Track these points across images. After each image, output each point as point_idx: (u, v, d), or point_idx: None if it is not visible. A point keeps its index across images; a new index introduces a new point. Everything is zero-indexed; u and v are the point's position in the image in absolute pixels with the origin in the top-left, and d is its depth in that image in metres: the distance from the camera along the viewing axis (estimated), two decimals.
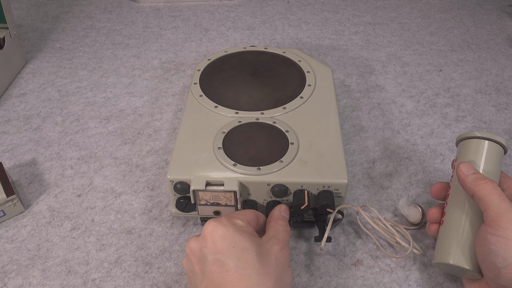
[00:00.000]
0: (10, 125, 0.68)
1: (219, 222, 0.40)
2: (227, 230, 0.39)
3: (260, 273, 0.37)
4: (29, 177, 0.59)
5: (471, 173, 0.43)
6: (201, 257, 0.39)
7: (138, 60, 0.83)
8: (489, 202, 0.40)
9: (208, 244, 0.39)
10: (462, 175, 0.44)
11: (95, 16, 0.99)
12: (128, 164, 0.61)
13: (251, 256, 0.38)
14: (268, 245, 0.41)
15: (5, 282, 0.47)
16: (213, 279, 0.37)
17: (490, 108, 0.71)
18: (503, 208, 0.39)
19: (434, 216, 0.48)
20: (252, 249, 0.38)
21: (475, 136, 0.47)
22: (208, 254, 0.39)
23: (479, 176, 0.43)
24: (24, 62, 0.82)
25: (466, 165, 0.44)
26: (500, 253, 0.38)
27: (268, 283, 0.37)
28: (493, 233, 0.39)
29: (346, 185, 0.47)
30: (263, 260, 0.38)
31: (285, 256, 0.41)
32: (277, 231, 0.43)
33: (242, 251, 0.38)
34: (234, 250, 0.38)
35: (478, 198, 0.42)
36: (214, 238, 0.39)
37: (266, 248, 0.40)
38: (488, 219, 0.40)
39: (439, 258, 0.44)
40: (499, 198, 0.40)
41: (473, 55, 0.84)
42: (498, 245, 0.38)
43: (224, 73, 0.63)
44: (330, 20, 0.96)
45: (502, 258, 0.38)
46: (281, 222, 0.44)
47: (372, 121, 0.68)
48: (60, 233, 0.52)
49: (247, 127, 0.53)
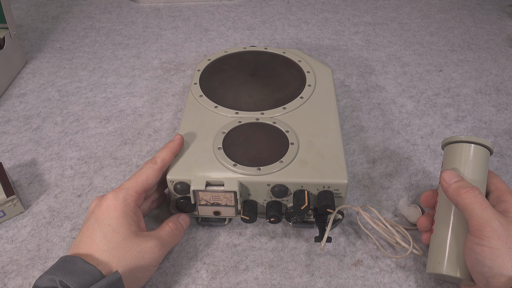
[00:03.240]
0: (10, 125, 0.68)
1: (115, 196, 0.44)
2: (116, 206, 0.43)
3: (113, 254, 0.41)
4: (29, 177, 0.59)
5: (454, 182, 0.43)
6: (88, 215, 0.45)
7: (138, 60, 0.83)
8: (472, 212, 0.40)
9: (97, 209, 0.44)
10: (445, 184, 0.43)
11: (95, 16, 0.99)
12: (128, 164, 0.61)
13: (116, 239, 0.42)
14: (143, 238, 0.43)
15: (5, 282, 0.47)
16: (79, 236, 0.43)
17: (490, 108, 0.71)
18: (485, 217, 0.39)
19: (423, 225, 0.48)
20: (122, 235, 0.42)
21: (459, 140, 0.47)
22: (91, 216, 0.44)
23: (461, 185, 0.42)
24: (24, 62, 0.82)
25: (449, 173, 0.44)
26: (486, 263, 0.38)
27: (119, 263, 0.41)
28: (478, 243, 0.39)
29: (346, 185, 0.47)
30: (125, 246, 0.42)
31: (154, 254, 0.43)
32: (162, 230, 0.46)
33: (113, 232, 0.42)
34: (107, 228, 0.42)
35: (461, 207, 0.41)
36: (102, 206, 0.44)
37: (137, 241, 0.43)
38: (472, 228, 0.40)
39: (431, 268, 0.44)
40: (480, 207, 0.40)
41: (473, 55, 0.84)
42: (483, 255, 0.38)
43: (224, 73, 0.63)
44: (330, 20, 0.96)
45: (488, 267, 0.38)
46: (171, 225, 0.47)
47: (372, 121, 0.68)
48: (60, 233, 0.52)
49: (247, 127, 0.53)
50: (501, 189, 0.44)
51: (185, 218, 0.50)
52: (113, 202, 0.43)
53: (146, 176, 0.46)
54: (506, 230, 0.38)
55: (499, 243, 0.38)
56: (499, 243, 0.38)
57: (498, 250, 0.38)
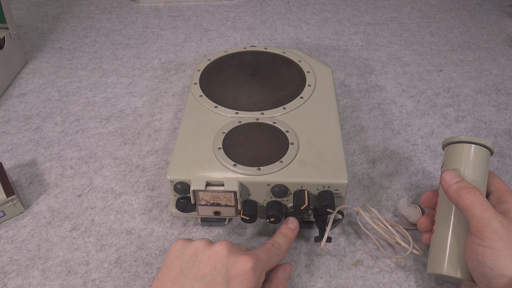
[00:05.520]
0: (10, 125, 0.68)
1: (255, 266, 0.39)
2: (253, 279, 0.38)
3: None
4: (29, 177, 0.59)
5: (454, 182, 0.43)
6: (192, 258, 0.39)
7: (138, 60, 0.83)
8: (472, 212, 0.40)
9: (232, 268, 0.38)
10: (446, 185, 0.43)
11: (95, 16, 0.99)
12: (128, 164, 0.61)
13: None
14: None
15: (5, 282, 0.47)
16: None
17: (490, 108, 0.71)
18: (486, 218, 0.39)
19: (424, 225, 0.48)
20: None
21: (460, 141, 0.47)
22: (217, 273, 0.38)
23: (462, 185, 0.42)
24: (24, 62, 0.82)
25: (449, 174, 0.44)
26: (487, 263, 0.38)
27: None
28: (479, 243, 0.39)
29: (346, 185, 0.47)
30: None
31: None
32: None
33: None
34: None
35: (462, 208, 0.41)
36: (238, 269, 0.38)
37: None
38: (473, 229, 0.40)
39: (432, 269, 0.44)
40: (481, 208, 0.40)
41: (473, 55, 0.84)
42: (485, 256, 0.38)
43: (224, 73, 0.63)
44: (330, 20, 0.96)
45: (489, 268, 0.38)
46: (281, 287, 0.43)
47: (372, 121, 0.68)
48: (60, 233, 0.52)
49: (247, 127, 0.53)
50: (502, 189, 0.44)
51: (290, 269, 0.46)
52: (252, 273, 0.38)
53: (274, 262, 0.43)
54: (507, 230, 0.38)
55: (500, 244, 0.38)
56: (500, 244, 0.38)
57: (499, 251, 0.37)
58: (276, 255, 0.44)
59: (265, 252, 0.42)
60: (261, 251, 0.42)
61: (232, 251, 0.39)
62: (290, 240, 0.47)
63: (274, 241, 0.45)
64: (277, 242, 0.45)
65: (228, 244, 0.40)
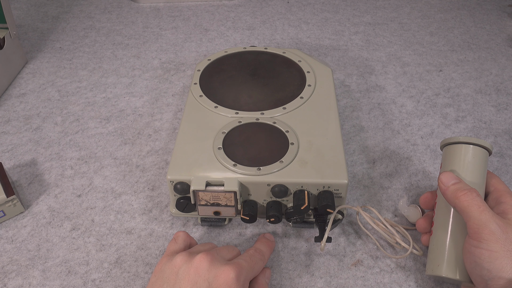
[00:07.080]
0: (10, 125, 0.68)
1: (238, 276, 0.38)
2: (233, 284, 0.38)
3: None
4: (29, 177, 0.59)
5: (451, 184, 0.43)
6: (175, 270, 0.39)
7: (138, 60, 0.83)
8: (469, 214, 0.40)
9: (213, 281, 0.38)
10: (443, 187, 0.43)
11: (95, 16, 0.99)
12: (128, 164, 0.61)
13: None
14: None
15: (5, 282, 0.47)
16: None
17: (490, 108, 0.71)
18: (483, 220, 0.39)
19: (422, 227, 0.48)
20: None
21: (458, 141, 0.47)
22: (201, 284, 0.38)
23: (459, 187, 0.42)
24: (24, 62, 0.82)
25: (447, 175, 0.44)
26: (485, 265, 0.38)
27: None
28: (476, 245, 0.39)
29: (346, 185, 0.47)
30: None
31: None
32: None
33: None
34: None
35: (459, 210, 0.41)
36: (221, 280, 0.38)
37: None
38: (470, 231, 0.40)
39: (431, 270, 0.44)
40: (478, 210, 0.40)
41: (473, 55, 0.84)
42: (482, 258, 0.38)
43: (224, 73, 0.63)
44: (330, 20, 0.96)
45: (487, 270, 0.38)
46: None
47: (372, 121, 0.68)
48: (60, 233, 0.52)
49: (247, 127, 0.53)
50: (500, 190, 0.44)
51: (269, 275, 0.45)
52: (235, 283, 0.38)
53: (258, 269, 0.43)
54: (504, 232, 0.38)
55: (498, 245, 0.38)
56: (497, 246, 0.38)
57: (497, 253, 0.37)
58: (260, 261, 0.43)
59: (247, 260, 0.42)
60: (243, 259, 0.41)
61: (213, 263, 0.39)
62: (271, 248, 0.47)
63: (256, 248, 0.45)
64: (259, 249, 0.45)
65: (207, 256, 0.39)
